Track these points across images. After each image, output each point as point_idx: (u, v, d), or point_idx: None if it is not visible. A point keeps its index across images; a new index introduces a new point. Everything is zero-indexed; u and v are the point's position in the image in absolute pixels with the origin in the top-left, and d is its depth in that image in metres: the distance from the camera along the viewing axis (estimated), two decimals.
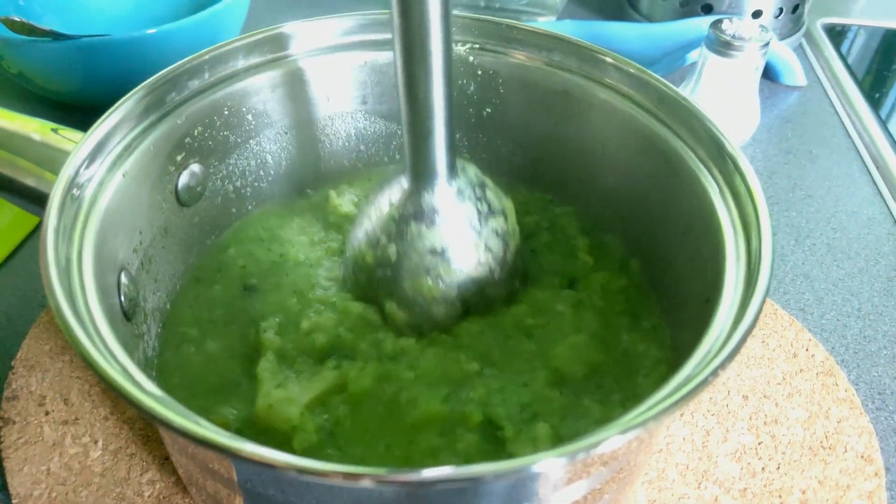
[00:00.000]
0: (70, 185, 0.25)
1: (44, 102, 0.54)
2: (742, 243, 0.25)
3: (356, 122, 0.39)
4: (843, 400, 0.35)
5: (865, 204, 0.50)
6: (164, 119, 0.31)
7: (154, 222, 0.31)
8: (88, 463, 0.31)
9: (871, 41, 0.71)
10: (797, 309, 0.42)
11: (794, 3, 0.63)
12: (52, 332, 0.37)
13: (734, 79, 0.50)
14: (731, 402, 0.35)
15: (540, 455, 0.19)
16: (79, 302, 0.23)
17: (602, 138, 0.34)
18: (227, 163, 0.35)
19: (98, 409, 0.33)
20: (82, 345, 0.21)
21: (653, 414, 0.19)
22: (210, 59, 0.32)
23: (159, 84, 0.30)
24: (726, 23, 0.49)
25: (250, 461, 0.19)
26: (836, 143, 0.56)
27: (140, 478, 0.31)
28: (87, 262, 0.24)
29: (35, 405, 0.33)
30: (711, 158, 0.28)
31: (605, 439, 0.19)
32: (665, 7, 0.65)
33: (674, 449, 0.33)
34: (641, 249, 0.34)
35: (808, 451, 0.33)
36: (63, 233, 0.24)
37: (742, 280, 0.24)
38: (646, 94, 0.32)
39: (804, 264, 0.45)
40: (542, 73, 0.35)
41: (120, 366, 0.21)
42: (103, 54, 0.48)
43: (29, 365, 0.35)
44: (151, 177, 0.30)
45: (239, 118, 0.35)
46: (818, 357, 0.37)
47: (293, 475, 0.19)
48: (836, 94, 0.61)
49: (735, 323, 0.22)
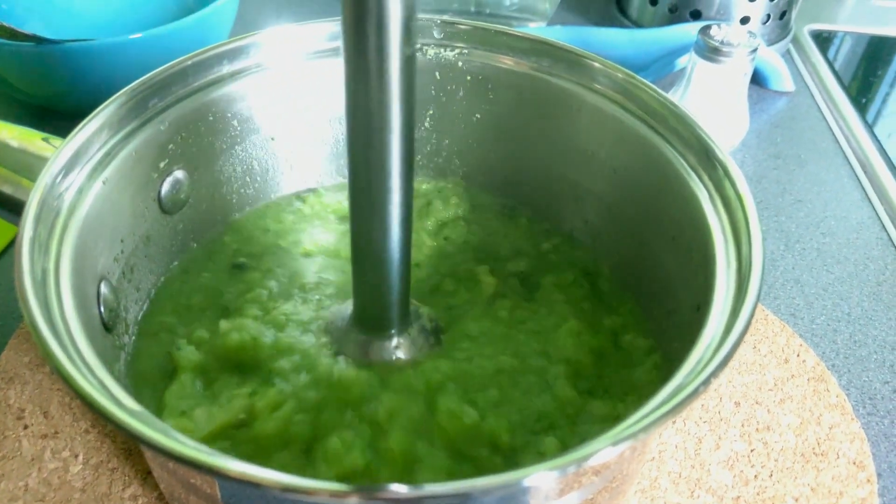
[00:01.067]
0: (47, 193, 0.25)
1: (26, 108, 0.53)
2: (732, 249, 0.25)
3: (343, 127, 0.38)
4: (835, 406, 0.35)
5: (854, 208, 0.50)
6: (146, 125, 0.30)
7: (136, 231, 0.30)
8: (68, 478, 0.31)
9: (857, 47, 0.71)
10: (787, 314, 0.42)
11: (781, 10, 0.63)
12: (31, 343, 0.36)
13: (723, 84, 0.50)
14: (723, 409, 0.35)
15: (530, 469, 0.18)
16: (55, 314, 0.22)
17: (592, 144, 0.34)
18: (212, 169, 0.35)
19: (79, 422, 0.33)
20: (57, 359, 0.20)
21: (645, 424, 0.19)
22: (194, 64, 0.32)
23: (141, 89, 0.30)
24: (715, 29, 0.49)
25: (232, 479, 0.18)
26: (825, 147, 0.56)
27: (122, 493, 0.30)
28: (64, 273, 0.23)
29: (13, 419, 0.33)
30: (701, 164, 0.28)
31: (596, 451, 0.19)
32: (654, 13, 0.66)
33: (666, 457, 0.33)
34: (630, 255, 0.33)
35: (800, 458, 0.33)
36: (39, 243, 0.23)
37: (733, 286, 0.24)
38: (635, 99, 0.31)
39: (794, 269, 0.45)
40: (531, 79, 0.34)
41: (97, 380, 0.20)
42: (87, 59, 0.47)
43: (7, 377, 0.34)
44: (133, 184, 0.30)
45: (224, 124, 0.34)
46: (809, 363, 0.37)
47: (277, 493, 0.18)
48: (823, 99, 0.62)
49: (726, 330, 0.22)
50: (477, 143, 0.38)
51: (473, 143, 0.38)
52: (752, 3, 0.62)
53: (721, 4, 0.62)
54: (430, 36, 0.36)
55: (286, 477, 0.18)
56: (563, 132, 0.35)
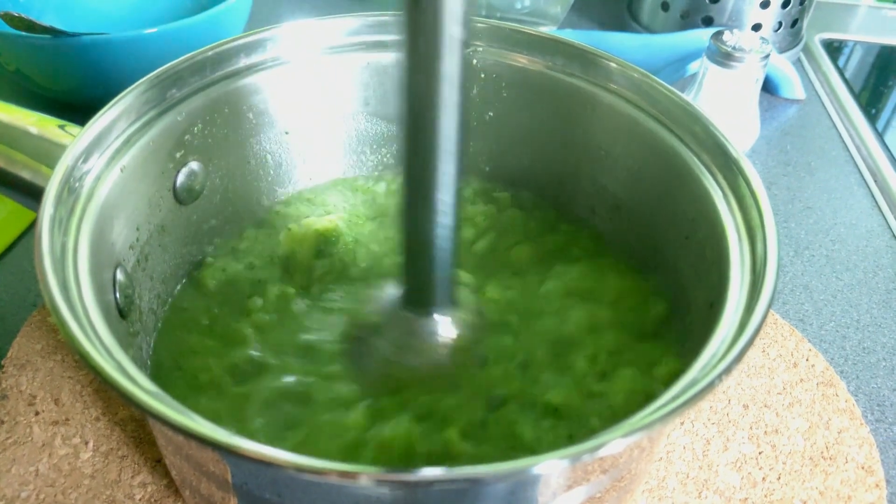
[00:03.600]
0: (68, 176, 0.25)
1: (40, 100, 0.53)
2: (746, 247, 0.25)
3: (357, 123, 0.38)
4: (844, 410, 0.35)
5: (864, 216, 0.50)
6: (164, 115, 0.30)
7: (152, 219, 0.31)
8: (78, 464, 0.31)
9: (868, 56, 0.71)
10: (796, 319, 0.42)
11: (793, 18, 0.64)
12: (44, 330, 0.36)
13: (735, 90, 0.50)
14: (731, 411, 0.35)
15: (541, 457, 0.18)
16: (73, 295, 0.22)
17: (606, 142, 0.34)
18: (226, 161, 0.35)
19: (89, 409, 0.33)
20: (77, 339, 0.20)
21: (659, 416, 0.19)
22: (212, 56, 0.32)
23: (161, 79, 0.30)
24: (727, 34, 0.49)
25: (246, 458, 0.18)
26: (835, 155, 0.56)
27: (131, 480, 0.30)
28: (82, 255, 0.24)
29: (25, 405, 0.33)
30: (715, 163, 0.28)
31: (608, 442, 0.19)
32: (665, 18, 0.66)
33: (674, 457, 0.33)
34: (645, 252, 0.34)
35: (808, 462, 0.33)
36: (59, 223, 0.23)
37: (747, 284, 0.24)
38: (649, 98, 0.31)
39: (803, 275, 0.45)
40: (545, 77, 0.35)
41: (115, 362, 0.20)
42: (102, 53, 0.47)
43: (20, 364, 0.34)
44: (150, 173, 0.30)
45: (239, 117, 0.34)
46: (818, 367, 0.37)
47: (290, 473, 0.18)
48: (833, 107, 0.62)
49: (741, 326, 0.22)
50: (489, 140, 0.38)
51: (486, 140, 0.38)
52: (765, 11, 0.62)
53: (733, 11, 0.62)
54: None
55: (296, 457, 0.18)
56: (578, 131, 0.35)
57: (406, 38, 0.21)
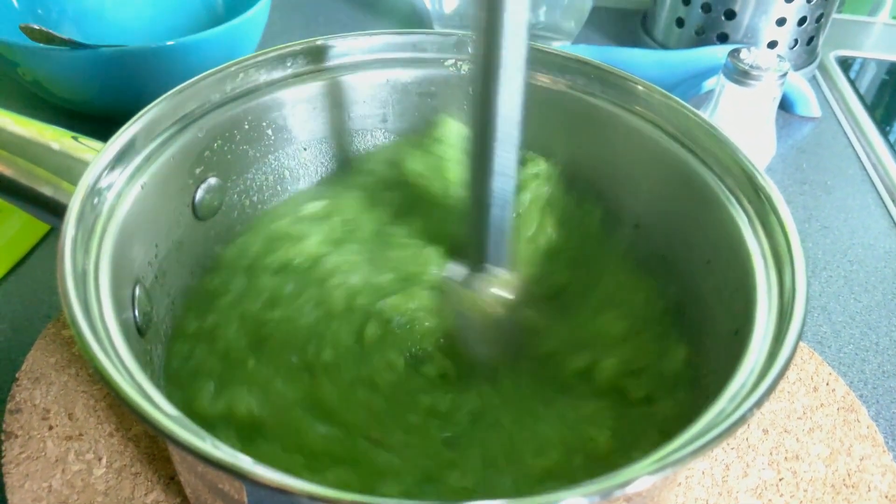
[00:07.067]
0: (90, 193, 0.25)
1: (58, 111, 0.53)
2: (773, 274, 0.25)
3: (375, 140, 0.38)
4: (866, 437, 0.35)
5: (882, 237, 0.50)
6: (184, 131, 0.30)
7: (170, 235, 0.30)
8: (91, 481, 0.30)
9: (884, 74, 0.71)
10: (814, 341, 0.41)
11: (809, 35, 0.63)
12: (58, 344, 0.36)
13: (751, 108, 0.49)
14: (750, 436, 0.34)
15: (564, 493, 0.18)
16: (94, 314, 0.22)
17: (627, 164, 0.34)
18: (245, 177, 0.35)
19: (103, 424, 0.33)
20: (97, 358, 0.20)
21: (689, 451, 0.19)
22: (233, 72, 0.32)
23: (182, 95, 0.30)
24: (744, 52, 0.49)
25: (264, 486, 0.18)
26: (851, 174, 0.56)
27: (144, 497, 0.30)
28: (103, 273, 0.23)
29: (39, 419, 0.33)
30: (740, 188, 0.28)
31: (635, 478, 0.18)
32: (680, 34, 0.66)
33: (693, 483, 0.32)
34: (666, 276, 0.33)
35: (830, 489, 0.32)
36: (81, 242, 0.23)
37: (775, 312, 0.23)
38: (672, 120, 0.31)
39: (821, 296, 0.45)
40: (565, 97, 0.35)
41: (135, 382, 0.20)
42: (120, 64, 0.48)
43: (34, 377, 0.34)
44: (170, 189, 0.30)
45: (259, 133, 0.34)
46: (839, 392, 0.37)
47: (305, 501, 0.18)
48: (849, 125, 0.61)
49: (770, 356, 0.21)
50: None
51: None
52: (780, 28, 0.62)
53: (749, 28, 0.62)
54: (465, 52, 0.36)
55: (316, 487, 0.18)
56: (598, 151, 0.35)
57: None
